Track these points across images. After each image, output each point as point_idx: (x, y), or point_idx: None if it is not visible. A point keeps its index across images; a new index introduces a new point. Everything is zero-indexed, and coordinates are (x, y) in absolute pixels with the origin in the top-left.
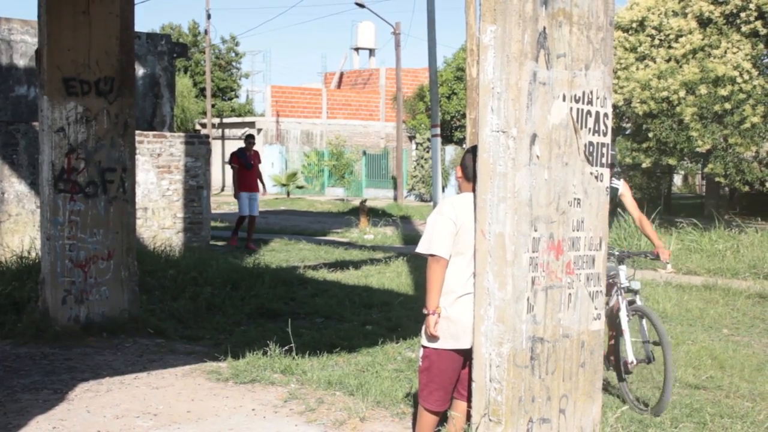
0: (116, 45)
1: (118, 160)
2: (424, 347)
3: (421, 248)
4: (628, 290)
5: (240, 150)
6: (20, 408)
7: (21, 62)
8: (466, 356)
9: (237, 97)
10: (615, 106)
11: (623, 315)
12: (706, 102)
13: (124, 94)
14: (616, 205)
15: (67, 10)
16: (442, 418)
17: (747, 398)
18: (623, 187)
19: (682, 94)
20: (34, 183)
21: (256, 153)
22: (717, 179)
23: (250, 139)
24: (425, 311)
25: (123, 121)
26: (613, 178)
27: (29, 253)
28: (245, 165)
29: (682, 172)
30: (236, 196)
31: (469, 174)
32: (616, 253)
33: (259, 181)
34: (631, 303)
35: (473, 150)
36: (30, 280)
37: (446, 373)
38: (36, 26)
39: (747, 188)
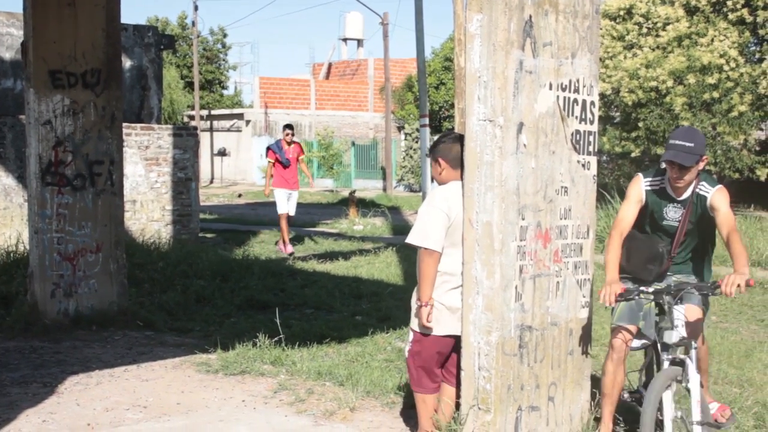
0: (102, 37)
1: (106, 153)
2: (414, 331)
3: (414, 240)
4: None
5: (276, 142)
6: (10, 402)
7: (7, 55)
8: (455, 341)
9: (225, 89)
10: (603, 95)
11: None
12: (695, 91)
13: (111, 86)
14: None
15: (53, 2)
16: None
17: (735, 384)
18: (718, 196)
19: (670, 83)
20: (22, 176)
21: (298, 145)
22: (707, 168)
23: (287, 129)
24: (418, 303)
25: (110, 113)
26: (706, 184)
27: (17, 246)
28: (281, 161)
29: None
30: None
31: (457, 162)
32: (653, 289)
33: (304, 171)
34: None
35: (461, 138)
36: (18, 273)
37: (434, 358)
38: (21, 19)
39: (737, 175)
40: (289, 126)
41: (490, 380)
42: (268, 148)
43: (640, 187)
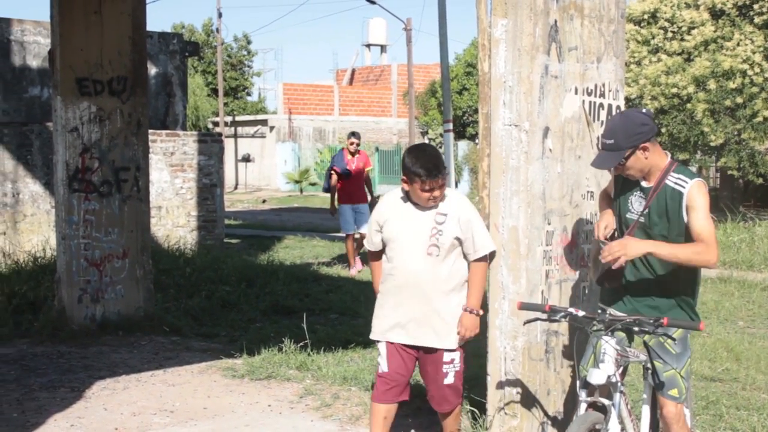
0: (128, 44)
1: (132, 159)
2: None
3: (491, 246)
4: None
5: (339, 152)
6: (38, 406)
7: (34, 63)
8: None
9: (249, 95)
10: (628, 99)
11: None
12: (717, 97)
13: (136, 93)
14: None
15: (79, 10)
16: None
17: (763, 390)
18: (695, 192)
19: (692, 89)
20: (49, 183)
21: (363, 155)
22: (730, 173)
23: (351, 138)
24: (479, 312)
25: (136, 120)
26: (682, 176)
27: (45, 252)
28: (341, 173)
29: (696, 165)
30: (336, 210)
31: None
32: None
33: (366, 188)
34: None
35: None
36: (46, 279)
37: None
38: (48, 27)
39: (761, 180)
40: (353, 134)
41: (517, 385)
42: (333, 158)
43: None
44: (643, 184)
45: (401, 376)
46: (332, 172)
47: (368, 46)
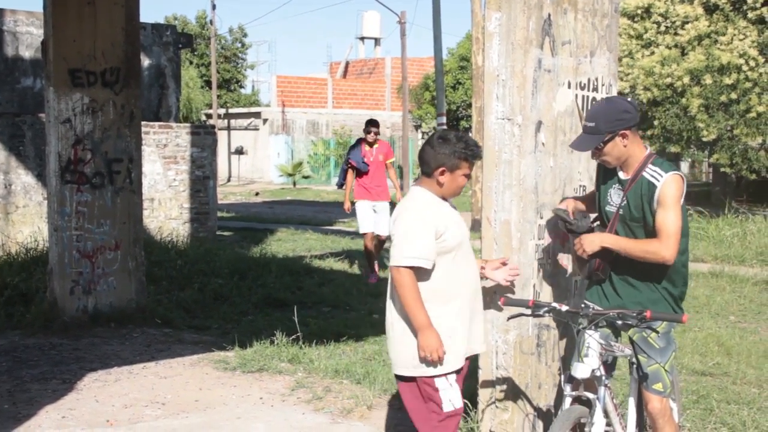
0: (122, 36)
1: (125, 151)
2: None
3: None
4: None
5: (356, 143)
6: (29, 398)
7: (27, 54)
8: None
9: (243, 87)
10: (621, 94)
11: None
12: (712, 92)
13: (130, 84)
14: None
15: (73, 1)
16: None
17: (754, 384)
18: (666, 186)
19: (686, 80)
20: (41, 174)
21: (384, 145)
22: (723, 168)
23: (368, 127)
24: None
25: (129, 111)
26: (658, 169)
27: (37, 244)
28: (357, 166)
29: (689, 160)
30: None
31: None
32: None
33: (392, 180)
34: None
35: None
36: (38, 271)
37: None
38: (41, 18)
39: (754, 176)
40: (371, 122)
41: (508, 379)
42: (349, 150)
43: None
44: (621, 175)
45: None
46: (348, 166)
47: (362, 39)
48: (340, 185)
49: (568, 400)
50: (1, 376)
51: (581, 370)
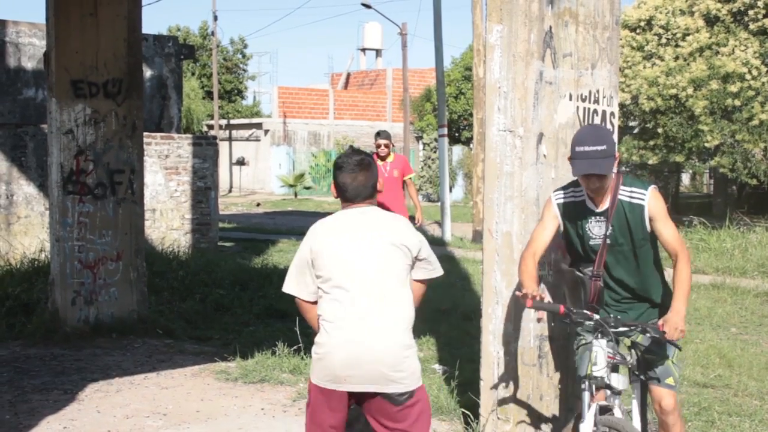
0: (124, 47)
1: (127, 162)
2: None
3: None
4: (606, 386)
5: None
6: (31, 408)
7: (29, 65)
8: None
9: (244, 98)
10: (622, 105)
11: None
12: (717, 97)
13: (132, 95)
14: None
15: (75, 12)
16: None
17: (755, 396)
18: (653, 202)
19: (690, 90)
20: (43, 185)
21: (399, 159)
22: (722, 170)
23: (378, 138)
24: None
25: (131, 122)
26: (635, 188)
27: (39, 254)
28: None
29: (690, 171)
30: None
31: (355, 194)
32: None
33: (412, 199)
34: (604, 411)
35: (364, 166)
36: (39, 281)
37: None
38: (44, 29)
39: (754, 181)
40: (380, 134)
41: (510, 390)
42: None
43: (551, 204)
44: (593, 207)
45: None
46: None
47: (363, 50)
48: None
49: (594, 409)
50: (3, 387)
51: (622, 382)
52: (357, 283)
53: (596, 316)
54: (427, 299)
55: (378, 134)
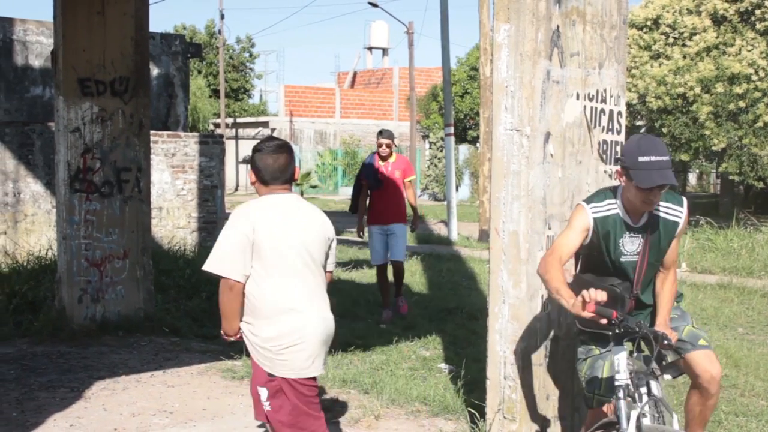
0: (131, 45)
1: (134, 160)
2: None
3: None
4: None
5: (370, 157)
6: (38, 406)
7: (36, 63)
8: None
9: (250, 97)
10: (629, 104)
11: None
12: (722, 100)
13: (139, 94)
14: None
15: (83, 10)
16: None
17: (762, 397)
18: (685, 219)
19: (698, 90)
20: (50, 183)
21: (401, 160)
22: (731, 177)
23: (380, 137)
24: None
25: (138, 120)
26: (672, 205)
27: (45, 252)
28: (372, 183)
29: (697, 171)
30: (362, 231)
31: (273, 177)
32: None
33: (410, 202)
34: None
35: (284, 149)
36: (46, 279)
37: None
38: (51, 27)
39: (761, 184)
40: (381, 132)
41: (516, 389)
42: (362, 167)
43: (586, 215)
44: (631, 222)
45: None
46: (361, 183)
47: (370, 49)
48: (353, 209)
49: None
50: (10, 384)
51: (659, 388)
52: (298, 267)
53: (647, 326)
54: (433, 298)
55: (380, 133)
